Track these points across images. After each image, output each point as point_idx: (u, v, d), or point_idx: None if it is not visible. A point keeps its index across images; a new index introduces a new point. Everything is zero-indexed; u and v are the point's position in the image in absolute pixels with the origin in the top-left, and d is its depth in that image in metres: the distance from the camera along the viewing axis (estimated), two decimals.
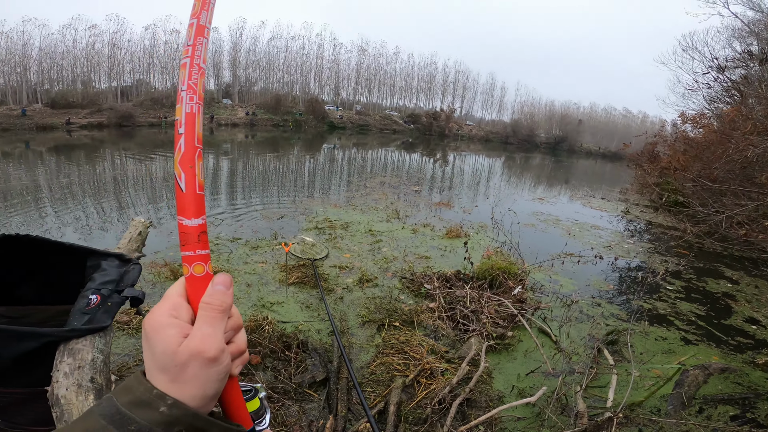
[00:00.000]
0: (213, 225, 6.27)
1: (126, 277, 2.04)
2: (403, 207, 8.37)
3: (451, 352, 3.53)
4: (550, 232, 7.93)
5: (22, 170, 11.69)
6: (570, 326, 4.15)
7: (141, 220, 2.65)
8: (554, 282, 5.22)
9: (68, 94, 37.85)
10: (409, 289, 4.54)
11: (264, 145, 23.64)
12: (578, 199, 13.05)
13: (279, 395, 2.74)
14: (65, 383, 1.37)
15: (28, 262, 2.31)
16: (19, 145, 18.81)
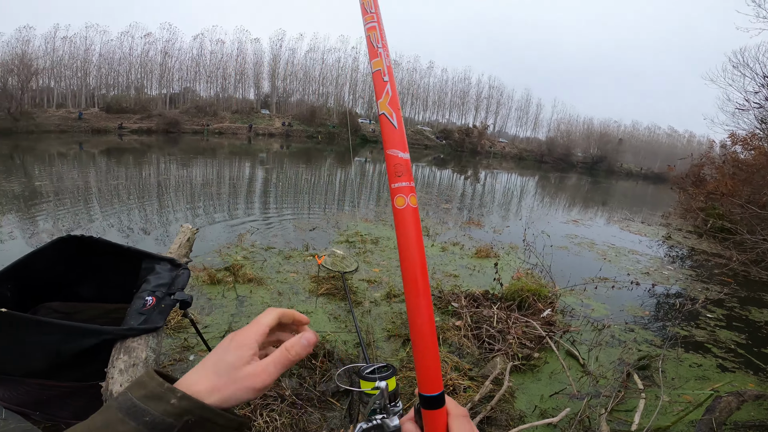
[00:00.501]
0: (248, 233, 6.53)
1: (177, 281, 2.19)
2: (433, 224, 8.38)
3: (475, 370, 3.52)
4: (584, 255, 7.70)
5: (75, 170, 12.63)
6: (600, 350, 4.05)
7: (189, 227, 2.84)
8: (586, 306, 5.09)
9: (122, 100, 40.42)
10: (436, 306, 4.54)
11: (298, 156, 24.34)
12: (616, 222, 12.58)
13: (303, 402, 2.81)
14: (120, 380, 1.49)
15: (88, 262, 2.52)
16: (74, 147, 20.28)
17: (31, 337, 1.66)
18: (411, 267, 0.50)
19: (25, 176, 10.92)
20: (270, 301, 4.28)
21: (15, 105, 28.55)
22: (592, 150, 54.77)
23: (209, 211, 8.24)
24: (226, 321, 3.80)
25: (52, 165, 13.92)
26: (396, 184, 0.50)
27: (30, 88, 35.35)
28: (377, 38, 0.55)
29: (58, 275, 2.42)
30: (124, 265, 2.41)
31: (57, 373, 1.81)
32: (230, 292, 4.39)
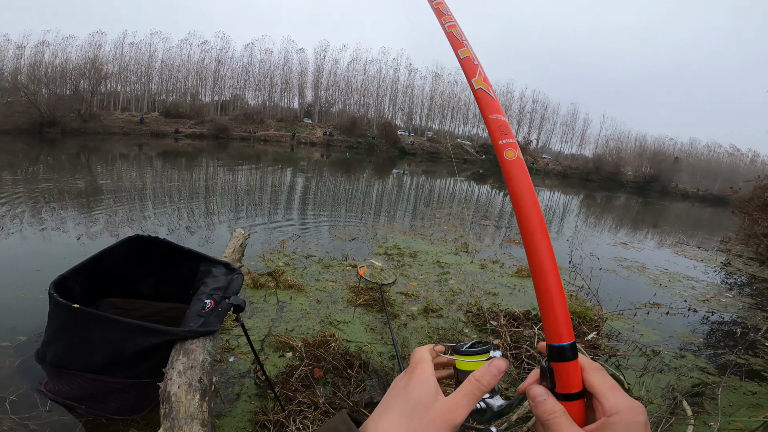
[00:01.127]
0: (290, 239, 6.71)
1: (231, 285, 2.28)
2: (473, 241, 8.23)
3: (511, 390, 3.39)
4: (634, 279, 7.25)
5: (134, 171, 13.59)
6: (649, 376, 3.78)
7: (241, 232, 2.97)
8: (635, 331, 4.79)
9: (179, 105, 43.01)
10: (474, 323, 4.44)
11: (337, 166, 24.83)
12: (669, 246, 11.78)
13: (335, 411, 2.79)
14: (178, 381, 1.53)
15: (150, 261, 2.68)
16: (134, 149, 21.80)
17: (98, 333, 1.77)
18: (526, 211, 0.51)
19: (90, 174, 11.89)
20: (309, 308, 4.35)
21: (85, 107, 30.94)
22: (644, 169, 51.61)
23: (252, 215, 8.57)
24: (266, 325, 3.90)
25: (114, 165, 15.06)
26: (502, 140, 0.56)
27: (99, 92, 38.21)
28: (459, 33, 0.67)
29: (123, 272, 2.60)
30: (182, 266, 2.56)
31: (115, 369, 1.92)
32: (271, 297, 4.50)
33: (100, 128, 30.24)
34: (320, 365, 3.29)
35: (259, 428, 2.55)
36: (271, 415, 2.67)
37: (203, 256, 2.54)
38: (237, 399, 2.84)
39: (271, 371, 3.21)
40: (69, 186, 9.57)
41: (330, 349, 3.51)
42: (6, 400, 2.45)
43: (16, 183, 9.56)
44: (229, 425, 2.60)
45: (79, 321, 1.79)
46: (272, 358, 3.39)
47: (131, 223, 6.84)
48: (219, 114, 47.27)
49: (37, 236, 5.82)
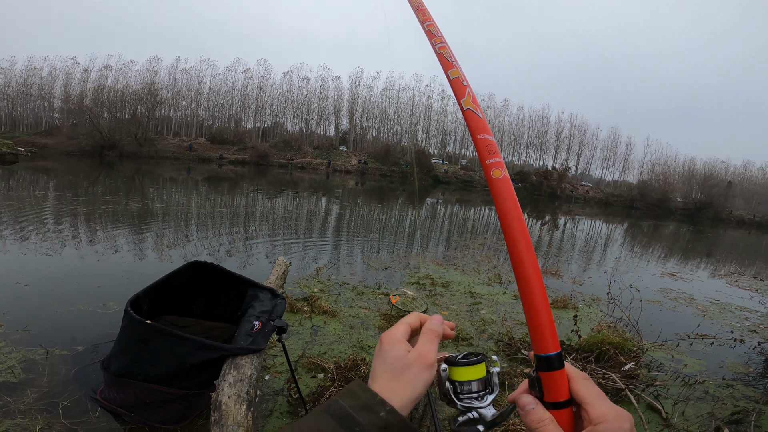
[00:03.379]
0: (325, 267, 6.97)
1: (276, 310, 2.52)
2: (506, 271, 8.13)
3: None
4: (680, 311, 6.87)
5: (181, 194, 14.57)
6: (687, 404, 3.61)
7: (284, 261, 3.24)
8: (677, 362, 4.59)
9: (224, 132, 45.15)
10: (505, 352, 4.40)
11: (371, 194, 25.26)
12: (722, 276, 11.02)
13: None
14: (228, 392, 1.75)
15: (205, 284, 2.98)
16: (183, 173, 23.20)
17: (166, 347, 2.02)
18: (511, 227, 0.54)
19: (142, 197, 12.90)
20: (341, 333, 4.49)
21: (141, 131, 32.96)
22: (694, 195, 48.25)
23: (287, 242, 8.96)
24: (300, 347, 4.06)
25: (165, 188, 16.21)
26: (490, 160, 0.57)
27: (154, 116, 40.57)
28: (449, 54, 0.68)
29: (182, 293, 2.90)
30: (231, 290, 2.84)
31: (173, 380, 2.15)
32: (306, 320, 4.69)
33: (154, 152, 32.08)
34: None
35: None
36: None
37: (251, 282, 2.80)
38: (270, 415, 2.97)
39: (303, 390, 3.32)
40: (125, 208, 10.54)
41: (360, 371, 3.62)
42: (59, 405, 2.63)
43: (77, 203, 10.61)
44: None
45: (151, 335, 2.04)
46: (305, 378, 3.53)
47: (176, 246, 7.39)
48: (260, 140, 48.88)
49: (96, 255, 6.39)
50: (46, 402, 2.62)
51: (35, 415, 2.48)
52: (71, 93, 40.23)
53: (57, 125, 35.37)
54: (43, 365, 3.06)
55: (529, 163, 58.94)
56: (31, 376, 2.91)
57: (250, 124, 55.25)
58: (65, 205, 10.18)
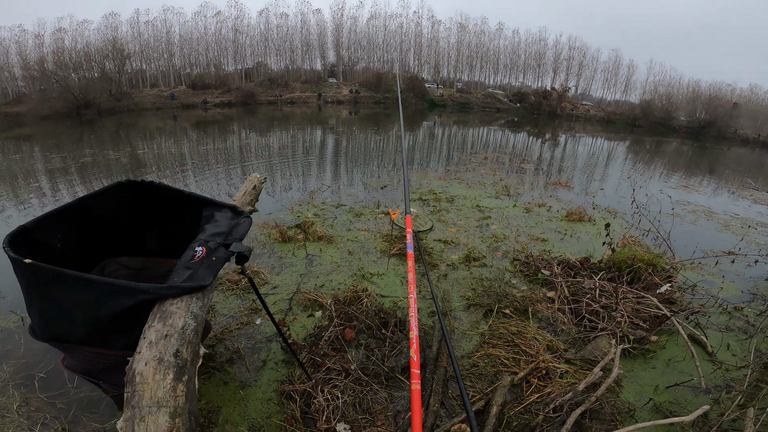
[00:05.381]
0: (319, 190, 6.37)
1: (235, 231, 1.87)
2: (514, 184, 7.56)
3: (571, 351, 2.94)
4: (701, 225, 6.42)
5: (172, 141, 13.63)
6: (731, 336, 3.25)
7: (257, 176, 2.59)
8: (710, 284, 4.12)
9: (204, 77, 43.42)
10: (523, 273, 3.96)
11: (366, 121, 24.05)
12: (736, 189, 10.56)
13: (369, 378, 2.50)
14: (147, 355, 1.13)
15: (151, 211, 2.34)
16: (169, 121, 22.07)
17: (66, 296, 1.42)
18: None
19: (130, 147, 11.96)
20: (340, 260, 4.03)
21: (115, 87, 31.91)
22: (698, 114, 46.72)
23: (284, 173, 8.28)
24: (295, 281, 3.63)
25: (152, 137, 15.18)
26: None
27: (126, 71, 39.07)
28: None
29: (123, 225, 2.27)
30: (186, 214, 2.19)
31: (103, 339, 1.60)
32: (300, 250, 4.22)
33: (133, 105, 31.31)
34: (352, 325, 2.98)
35: (285, 400, 2.31)
36: (297, 384, 2.41)
37: (206, 200, 2.15)
38: (263, 367, 2.61)
39: (299, 333, 2.95)
40: (112, 159, 9.66)
41: (362, 305, 3.18)
42: (35, 378, 2.36)
43: (66, 160, 9.72)
44: (254, 396, 2.37)
45: (41, 281, 1.44)
46: (301, 318, 3.13)
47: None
48: (244, 81, 47.26)
49: None
50: (23, 375, 2.40)
51: (12, 391, 2.28)
52: (29, 60, 38.01)
53: (25, 93, 33.97)
54: (19, 333, 2.81)
55: (527, 85, 56.61)
56: (7, 347, 2.68)
57: (230, 67, 52.46)
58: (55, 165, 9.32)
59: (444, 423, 2.29)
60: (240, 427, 2.13)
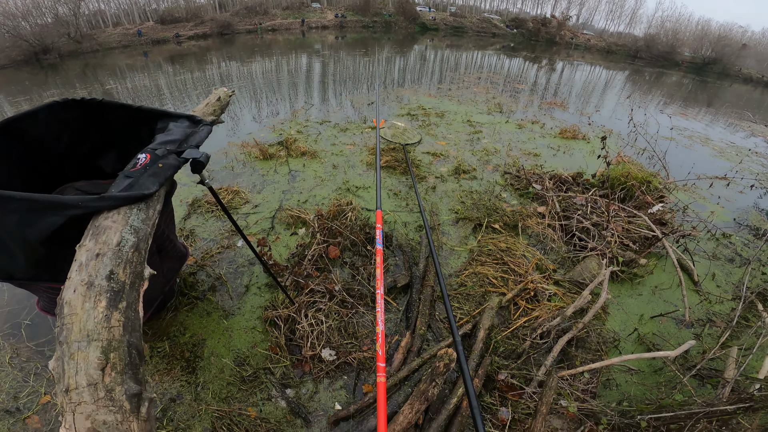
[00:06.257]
0: (303, 109, 5.97)
1: (191, 139, 1.60)
2: (507, 102, 7.19)
3: (560, 272, 2.88)
4: (696, 150, 6.27)
5: (144, 75, 12.54)
6: (717, 266, 3.17)
7: (223, 89, 2.26)
8: (700, 207, 4.04)
9: (173, 11, 39.87)
10: (513, 186, 3.83)
11: (354, 45, 22.51)
12: (733, 120, 10.33)
13: (354, 300, 2.41)
14: (76, 281, 0.92)
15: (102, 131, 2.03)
16: (140, 58, 20.33)
17: None
18: None
19: (100, 84, 10.94)
20: (324, 175, 3.83)
21: (73, 29, 29.47)
22: (704, 51, 44.63)
23: (269, 98, 7.71)
24: (277, 198, 3.46)
25: (123, 74, 13.94)
26: None
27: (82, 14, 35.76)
28: None
29: (70, 148, 1.98)
30: (141, 130, 1.90)
31: (51, 271, 1.38)
32: (282, 167, 3.99)
33: (97, 46, 28.90)
34: (336, 242, 2.84)
35: (269, 327, 2.22)
36: (280, 310, 2.31)
37: (160, 112, 1.85)
38: (246, 292, 2.49)
39: (282, 254, 2.82)
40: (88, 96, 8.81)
41: (347, 220, 3.02)
42: (21, 326, 2.24)
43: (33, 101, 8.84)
44: (238, 326, 2.28)
45: None
46: (284, 237, 2.99)
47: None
48: (218, 12, 43.41)
49: None
50: (9, 324, 2.30)
51: (2, 342, 2.18)
52: None
53: None
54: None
55: (525, 11, 53.00)
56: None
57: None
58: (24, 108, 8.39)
59: (430, 347, 2.24)
60: (225, 359, 2.07)
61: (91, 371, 0.83)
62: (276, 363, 2.07)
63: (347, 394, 2.00)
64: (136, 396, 0.85)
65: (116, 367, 0.86)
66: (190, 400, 1.86)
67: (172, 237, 2.04)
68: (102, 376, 0.83)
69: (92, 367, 0.83)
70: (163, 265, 2.00)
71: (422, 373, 2.10)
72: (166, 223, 1.95)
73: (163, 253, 1.96)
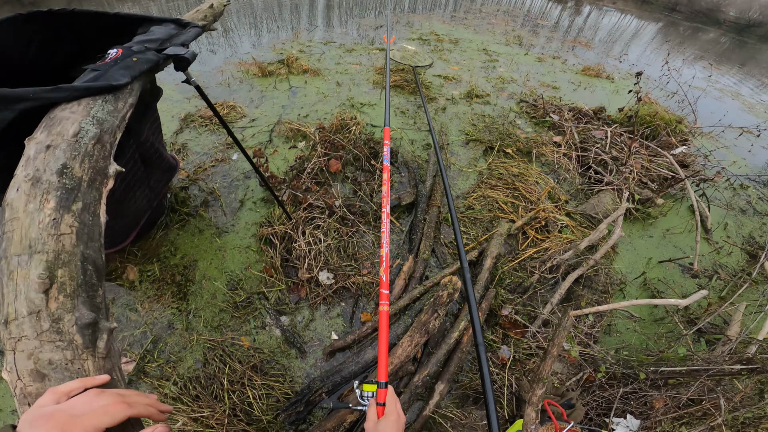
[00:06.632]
0: (306, 30, 5.53)
1: (175, 38, 1.35)
2: (527, 35, 6.64)
3: (572, 204, 2.72)
4: (726, 102, 5.88)
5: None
6: (730, 216, 3.02)
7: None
8: (722, 156, 3.83)
9: None
10: (529, 115, 3.58)
11: None
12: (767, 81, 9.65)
13: (355, 217, 2.24)
14: (20, 176, 0.77)
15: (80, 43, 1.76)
16: None
17: None
18: None
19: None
20: (327, 91, 3.58)
21: None
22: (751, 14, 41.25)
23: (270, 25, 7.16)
24: (276, 113, 3.24)
25: None
26: None
27: None
28: None
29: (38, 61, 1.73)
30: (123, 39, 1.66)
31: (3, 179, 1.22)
32: (283, 83, 3.73)
33: None
34: (338, 155, 2.65)
35: (264, 246, 2.07)
36: (276, 226, 2.13)
37: (141, 17, 1.61)
38: (240, 208, 2.32)
39: (280, 167, 2.64)
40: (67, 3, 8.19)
41: (350, 133, 2.81)
42: None
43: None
44: (232, 244, 2.12)
45: None
46: (282, 150, 2.80)
47: None
48: None
49: None
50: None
51: None
52: None
53: None
54: None
55: None
56: None
57: None
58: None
59: (433, 274, 2.12)
60: (218, 283, 1.96)
61: (32, 295, 0.63)
62: (271, 287, 1.96)
63: (344, 322, 1.91)
64: (90, 326, 0.66)
65: (65, 289, 0.66)
66: (181, 329, 1.78)
67: (160, 147, 1.88)
68: (45, 301, 0.64)
69: (33, 290, 0.64)
70: (150, 176, 1.86)
71: (423, 302, 1.99)
72: (152, 131, 1.78)
73: (149, 164, 1.81)
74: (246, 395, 1.56)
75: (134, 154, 1.63)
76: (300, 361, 1.73)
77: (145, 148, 1.71)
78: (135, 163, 1.65)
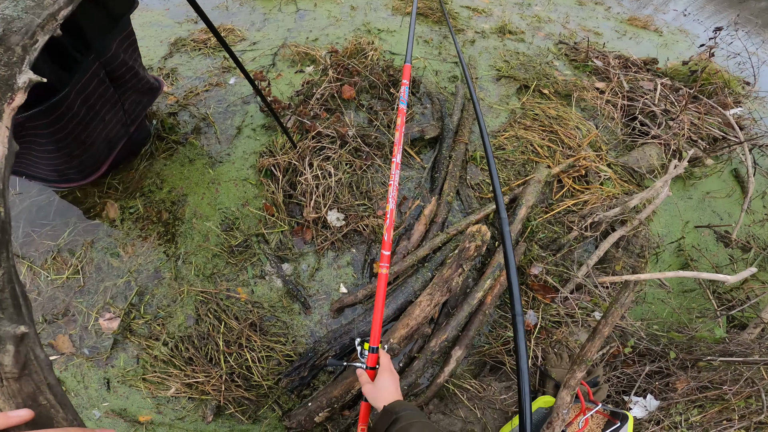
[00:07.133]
0: None
1: None
2: None
3: (612, 154, 2.36)
4: None
5: None
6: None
7: None
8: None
9: None
10: (568, 57, 3.14)
11: None
12: None
13: (370, 149, 1.89)
14: None
15: None
16: None
17: None
18: None
19: None
20: (339, 14, 3.14)
21: None
22: None
23: None
24: (281, 36, 2.82)
25: None
26: None
27: None
28: None
29: None
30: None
31: None
32: (289, 5, 3.27)
33: None
34: (352, 81, 2.25)
35: (264, 179, 1.76)
36: (279, 156, 1.78)
37: None
38: (238, 135, 2.00)
39: (284, 92, 2.27)
40: None
41: (366, 59, 2.40)
42: None
43: None
44: (227, 176, 1.82)
45: None
46: (287, 74, 2.43)
47: None
48: None
49: None
50: None
51: None
52: None
53: None
54: None
55: None
56: None
57: None
58: None
59: (457, 220, 1.80)
60: (210, 222, 1.66)
61: None
62: (272, 228, 1.67)
63: (355, 273, 1.64)
64: None
65: None
66: (169, 278, 1.51)
67: (135, 66, 1.59)
68: None
69: None
70: (124, 98, 1.59)
71: (445, 252, 1.67)
72: (124, 48, 1.51)
73: (121, 85, 1.55)
74: (244, 358, 1.36)
75: (98, 71, 1.40)
76: (304, 318, 1.51)
77: (114, 66, 1.47)
78: (101, 83, 1.43)
